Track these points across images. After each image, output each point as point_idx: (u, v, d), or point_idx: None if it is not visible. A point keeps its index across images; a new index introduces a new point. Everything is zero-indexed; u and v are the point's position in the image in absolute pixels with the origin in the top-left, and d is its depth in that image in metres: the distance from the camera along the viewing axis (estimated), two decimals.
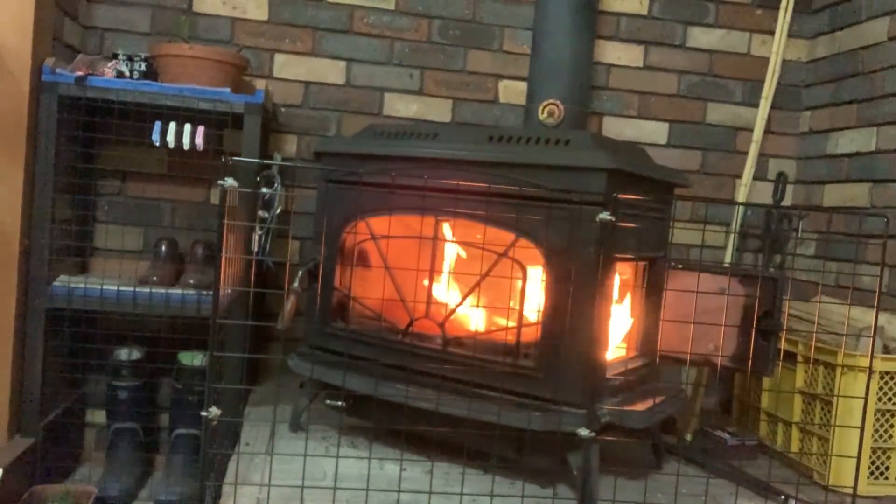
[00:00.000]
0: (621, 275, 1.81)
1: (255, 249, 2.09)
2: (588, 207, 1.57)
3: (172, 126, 2.06)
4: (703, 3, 2.65)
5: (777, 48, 2.53)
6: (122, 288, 2.08)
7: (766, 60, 2.58)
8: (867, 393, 1.54)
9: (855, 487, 1.54)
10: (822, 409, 1.90)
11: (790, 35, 2.58)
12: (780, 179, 2.46)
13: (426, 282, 1.83)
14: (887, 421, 1.85)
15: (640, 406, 1.69)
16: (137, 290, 2.09)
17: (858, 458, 1.53)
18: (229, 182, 1.44)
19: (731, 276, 1.78)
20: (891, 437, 1.85)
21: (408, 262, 1.75)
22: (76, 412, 2.34)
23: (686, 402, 2.03)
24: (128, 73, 2.10)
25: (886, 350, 1.84)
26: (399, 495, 1.53)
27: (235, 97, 2.09)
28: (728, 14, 2.67)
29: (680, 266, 1.83)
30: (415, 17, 2.52)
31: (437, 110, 2.56)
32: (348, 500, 1.52)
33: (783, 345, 1.94)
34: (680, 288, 1.74)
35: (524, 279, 1.68)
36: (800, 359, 1.97)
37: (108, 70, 2.09)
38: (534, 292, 1.70)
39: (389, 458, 1.72)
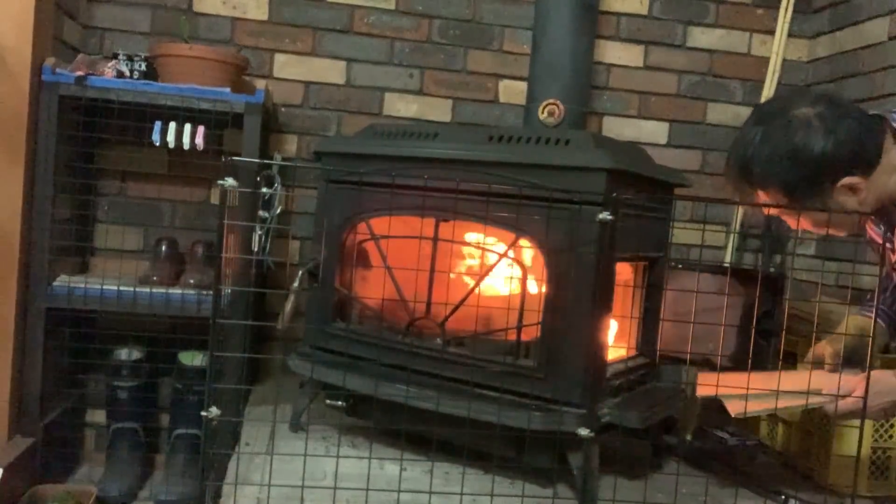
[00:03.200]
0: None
1: (255, 249, 2.09)
2: (588, 207, 1.57)
3: (172, 126, 2.07)
4: (703, 3, 2.65)
5: (777, 48, 2.53)
6: (122, 288, 2.08)
7: (766, 60, 2.58)
8: (866, 392, 1.54)
9: (854, 487, 1.54)
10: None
11: (790, 35, 2.58)
12: None
13: (426, 282, 1.83)
14: (887, 421, 1.84)
15: (640, 406, 1.69)
16: (137, 290, 2.10)
17: (858, 458, 1.53)
18: (229, 182, 1.44)
19: (730, 276, 1.78)
20: (891, 437, 1.85)
21: (408, 261, 1.75)
22: (76, 412, 2.35)
23: (686, 402, 2.02)
24: (128, 73, 2.10)
25: (886, 350, 1.84)
26: (399, 495, 1.53)
27: (235, 97, 2.09)
28: (728, 14, 2.67)
29: (680, 266, 1.83)
30: (415, 17, 2.52)
31: (437, 110, 2.56)
32: (348, 500, 1.52)
33: (783, 345, 1.95)
34: (680, 288, 1.75)
35: (524, 279, 1.68)
36: (800, 359, 1.97)
37: (108, 70, 2.09)
38: (534, 292, 1.70)
39: (389, 458, 1.72)
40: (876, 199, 1.48)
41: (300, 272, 1.83)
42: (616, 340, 1.85)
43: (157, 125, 2.07)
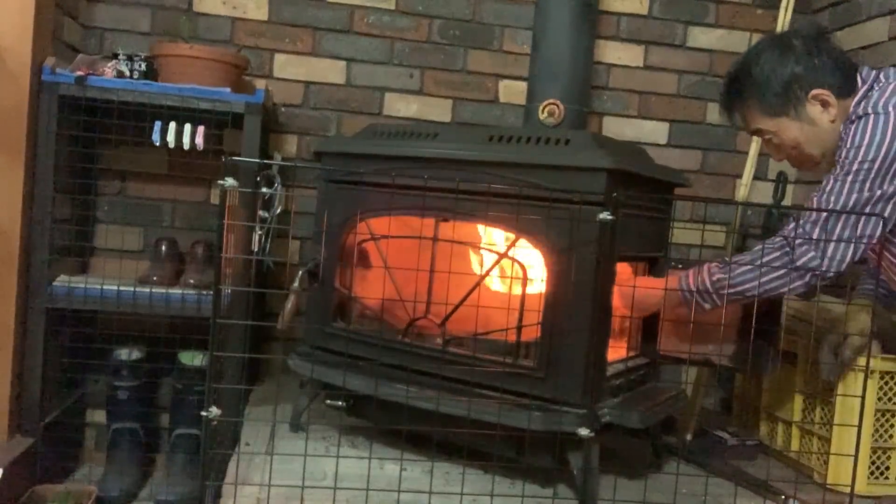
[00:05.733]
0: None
1: (255, 249, 2.09)
2: (588, 207, 1.57)
3: (172, 126, 2.07)
4: (703, 2, 2.66)
5: None
6: (122, 288, 2.08)
7: None
8: (864, 392, 1.54)
9: (853, 486, 1.54)
10: (822, 408, 1.90)
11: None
12: (780, 179, 2.46)
13: (426, 282, 1.83)
14: (887, 421, 1.84)
15: (640, 406, 1.69)
16: (137, 290, 2.10)
17: (856, 457, 1.53)
18: (229, 182, 1.44)
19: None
20: (891, 437, 1.85)
21: (408, 261, 1.75)
22: (76, 412, 2.35)
23: (686, 402, 2.02)
24: (128, 73, 2.10)
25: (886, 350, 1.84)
26: (399, 495, 1.53)
27: (235, 97, 2.09)
28: (728, 14, 2.67)
29: (680, 266, 1.83)
30: (415, 17, 2.52)
31: (437, 110, 2.56)
32: (348, 500, 1.52)
33: (783, 345, 1.95)
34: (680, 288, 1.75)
35: (524, 279, 1.68)
36: (800, 359, 1.97)
37: (109, 70, 2.09)
38: (534, 292, 1.70)
39: (389, 458, 1.72)
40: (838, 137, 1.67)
41: (300, 272, 1.83)
42: (616, 340, 1.85)
43: (157, 125, 2.07)
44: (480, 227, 1.86)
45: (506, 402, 1.60)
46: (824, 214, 1.60)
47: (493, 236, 1.85)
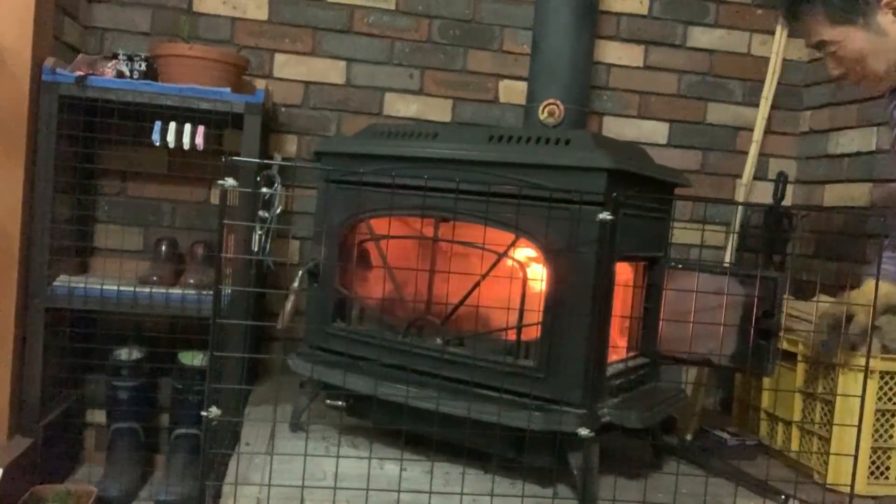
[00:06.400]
0: None
1: (255, 249, 2.10)
2: (588, 207, 1.57)
3: (172, 126, 2.07)
4: (703, 3, 2.66)
5: (777, 48, 2.53)
6: (122, 288, 2.08)
7: (766, 60, 2.58)
8: (864, 392, 1.54)
9: (852, 486, 1.54)
10: (822, 408, 1.90)
11: (790, 35, 2.58)
12: (780, 179, 2.46)
13: (426, 282, 1.83)
14: (887, 421, 1.84)
15: (640, 406, 1.69)
16: (137, 290, 2.10)
17: (856, 457, 1.53)
18: (229, 182, 1.44)
19: (730, 276, 1.78)
20: (891, 437, 1.85)
21: (408, 261, 1.75)
22: (76, 412, 2.35)
23: (686, 402, 2.02)
24: (128, 73, 2.10)
25: (886, 350, 1.84)
26: (399, 495, 1.53)
27: (235, 97, 2.09)
28: (728, 14, 2.67)
29: (680, 266, 1.83)
30: (415, 17, 2.52)
31: (437, 110, 2.56)
32: (348, 500, 1.52)
33: (783, 345, 1.95)
34: (680, 288, 1.75)
35: (524, 279, 1.68)
36: (800, 359, 1.97)
37: (109, 70, 2.09)
38: (534, 292, 1.70)
39: (389, 458, 1.72)
40: None
41: (300, 272, 1.83)
42: (616, 340, 1.85)
43: (157, 125, 2.07)
44: (480, 227, 1.85)
45: (506, 402, 1.60)
46: None
47: (492, 236, 1.85)
